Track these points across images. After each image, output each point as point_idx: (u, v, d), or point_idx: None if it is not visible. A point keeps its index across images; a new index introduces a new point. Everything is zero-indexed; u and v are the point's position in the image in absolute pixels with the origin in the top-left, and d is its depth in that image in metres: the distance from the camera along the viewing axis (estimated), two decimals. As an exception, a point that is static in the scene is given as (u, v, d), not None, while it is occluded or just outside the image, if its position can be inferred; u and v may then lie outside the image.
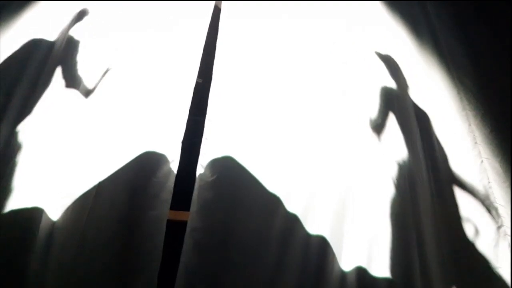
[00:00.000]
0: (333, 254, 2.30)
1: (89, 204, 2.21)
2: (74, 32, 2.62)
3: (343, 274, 2.27)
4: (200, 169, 2.38)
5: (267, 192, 2.36)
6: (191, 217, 2.28)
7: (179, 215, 2.41)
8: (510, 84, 2.59)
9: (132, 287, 2.13)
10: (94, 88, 2.49)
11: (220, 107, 2.54)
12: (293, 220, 2.32)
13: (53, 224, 2.19)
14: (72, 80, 2.49)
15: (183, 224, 2.31)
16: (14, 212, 2.14)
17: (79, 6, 2.70)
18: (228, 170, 2.38)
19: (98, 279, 2.12)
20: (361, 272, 2.25)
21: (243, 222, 2.29)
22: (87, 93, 2.47)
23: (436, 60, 2.66)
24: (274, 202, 2.35)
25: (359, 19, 2.88)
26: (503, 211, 2.37)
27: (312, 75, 2.70)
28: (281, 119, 2.55)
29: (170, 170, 2.37)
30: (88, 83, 2.50)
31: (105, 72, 2.53)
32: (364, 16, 2.89)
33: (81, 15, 2.67)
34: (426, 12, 2.76)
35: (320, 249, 2.30)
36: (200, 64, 2.68)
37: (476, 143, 2.52)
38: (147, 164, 2.35)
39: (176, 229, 2.32)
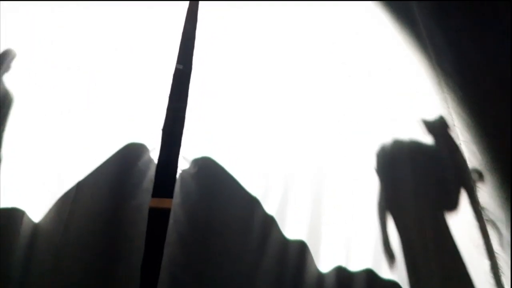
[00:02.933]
0: (311, 254, 2.33)
1: (70, 201, 2.23)
2: (45, 27, 2.58)
3: (320, 274, 2.31)
4: (182, 161, 2.39)
5: (247, 184, 2.38)
6: (174, 209, 2.30)
7: (161, 203, 2.43)
8: (489, 68, 2.61)
9: (117, 276, 2.16)
10: (69, 83, 2.47)
11: (201, 96, 2.53)
12: (271, 219, 2.34)
13: (35, 226, 2.20)
14: (45, 77, 2.46)
15: (165, 211, 2.34)
16: None
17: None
18: (210, 163, 2.39)
19: (82, 275, 2.15)
20: (340, 271, 2.30)
21: (225, 214, 2.32)
22: (62, 89, 2.45)
23: (416, 43, 2.67)
24: (254, 194, 2.37)
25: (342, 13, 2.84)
26: (480, 193, 2.41)
27: (297, 67, 2.68)
28: (262, 112, 2.55)
29: (151, 159, 2.38)
30: (61, 78, 2.47)
31: (78, 66, 2.51)
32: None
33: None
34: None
35: (299, 247, 2.32)
36: (181, 51, 2.66)
37: (454, 125, 2.54)
38: (127, 154, 2.36)
39: (158, 216, 2.34)
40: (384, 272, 2.33)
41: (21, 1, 2.61)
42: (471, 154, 2.47)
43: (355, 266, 2.33)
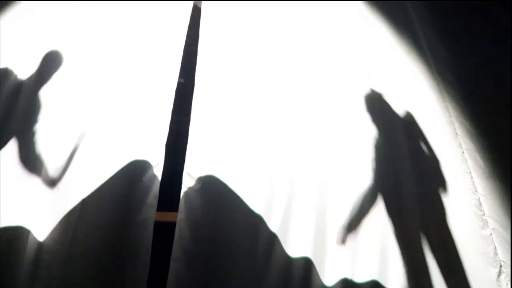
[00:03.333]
0: (316, 269, 2.30)
1: (75, 219, 2.21)
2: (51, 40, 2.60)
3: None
4: (186, 177, 2.37)
5: (250, 199, 2.37)
6: (179, 225, 2.28)
7: (165, 216, 2.41)
8: (489, 75, 2.62)
9: None
10: (73, 101, 2.47)
11: (204, 111, 2.52)
12: (274, 237, 2.32)
13: (40, 244, 2.18)
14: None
15: (169, 224, 2.33)
16: None
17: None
18: (214, 179, 2.38)
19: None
20: (345, 284, 2.26)
21: (230, 230, 2.30)
22: (65, 107, 2.45)
23: (415, 53, 2.69)
24: (257, 210, 2.36)
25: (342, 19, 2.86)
26: (484, 201, 2.41)
27: (297, 72, 2.69)
28: (265, 127, 2.54)
29: (155, 175, 2.36)
30: (63, 94, 2.48)
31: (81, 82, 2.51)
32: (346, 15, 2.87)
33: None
34: (405, 7, 2.77)
35: (303, 264, 2.29)
36: (181, 64, 2.67)
37: (456, 134, 2.55)
38: (132, 170, 2.35)
39: (162, 230, 2.33)
40: (390, 283, 2.31)
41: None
42: (474, 163, 2.47)
43: (360, 277, 2.31)
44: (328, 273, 2.30)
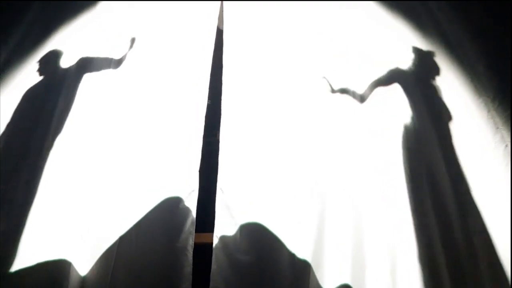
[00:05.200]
0: None
1: (113, 255, 2.30)
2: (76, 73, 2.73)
3: None
4: (220, 207, 2.40)
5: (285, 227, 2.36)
6: (216, 254, 2.32)
7: (200, 238, 2.43)
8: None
9: None
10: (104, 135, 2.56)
11: (233, 131, 2.55)
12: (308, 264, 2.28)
13: (82, 279, 2.28)
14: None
15: (206, 245, 2.36)
16: (41, 265, 2.25)
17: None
18: (249, 208, 2.39)
19: None
20: None
21: (266, 260, 2.30)
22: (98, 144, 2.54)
23: (442, 50, 2.58)
24: (293, 238, 2.33)
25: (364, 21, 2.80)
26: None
27: (328, 95, 2.63)
28: (295, 144, 2.52)
29: (191, 201, 2.41)
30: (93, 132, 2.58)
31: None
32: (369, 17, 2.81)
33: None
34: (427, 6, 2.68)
35: None
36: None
37: (498, 128, 2.40)
38: (167, 201, 2.41)
39: (198, 251, 2.37)
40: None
41: None
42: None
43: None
44: None
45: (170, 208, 2.40)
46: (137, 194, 2.42)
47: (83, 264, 2.31)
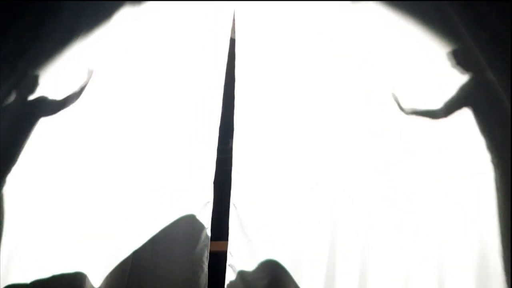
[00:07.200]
0: None
1: (128, 268, 2.31)
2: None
3: None
4: (233, 221, 2.39)
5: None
6: (228, 272, 2.29)
7: (214, 246, 2.41)
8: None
9: None
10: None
11: (246, 140, 2.53)
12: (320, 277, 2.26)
13: None
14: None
15: (220, 254, 2.37)
16: (57, 277, 2.28)
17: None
18: (261, 223, 2.36)
19: None
20: None
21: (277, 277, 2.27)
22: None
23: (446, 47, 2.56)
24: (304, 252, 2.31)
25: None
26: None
27: (342, 107, 2.57)
28: (308, 155, 2.48)
29: (206, 213, 2.40)
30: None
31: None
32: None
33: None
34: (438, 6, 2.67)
35: None
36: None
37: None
38: (182, 213, 2.40)
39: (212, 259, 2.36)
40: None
41: None
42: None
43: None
44: None
45: (186, 219, 2.39)
46: (152, 206, 2.42)
47: (98, 276, 2.31)
